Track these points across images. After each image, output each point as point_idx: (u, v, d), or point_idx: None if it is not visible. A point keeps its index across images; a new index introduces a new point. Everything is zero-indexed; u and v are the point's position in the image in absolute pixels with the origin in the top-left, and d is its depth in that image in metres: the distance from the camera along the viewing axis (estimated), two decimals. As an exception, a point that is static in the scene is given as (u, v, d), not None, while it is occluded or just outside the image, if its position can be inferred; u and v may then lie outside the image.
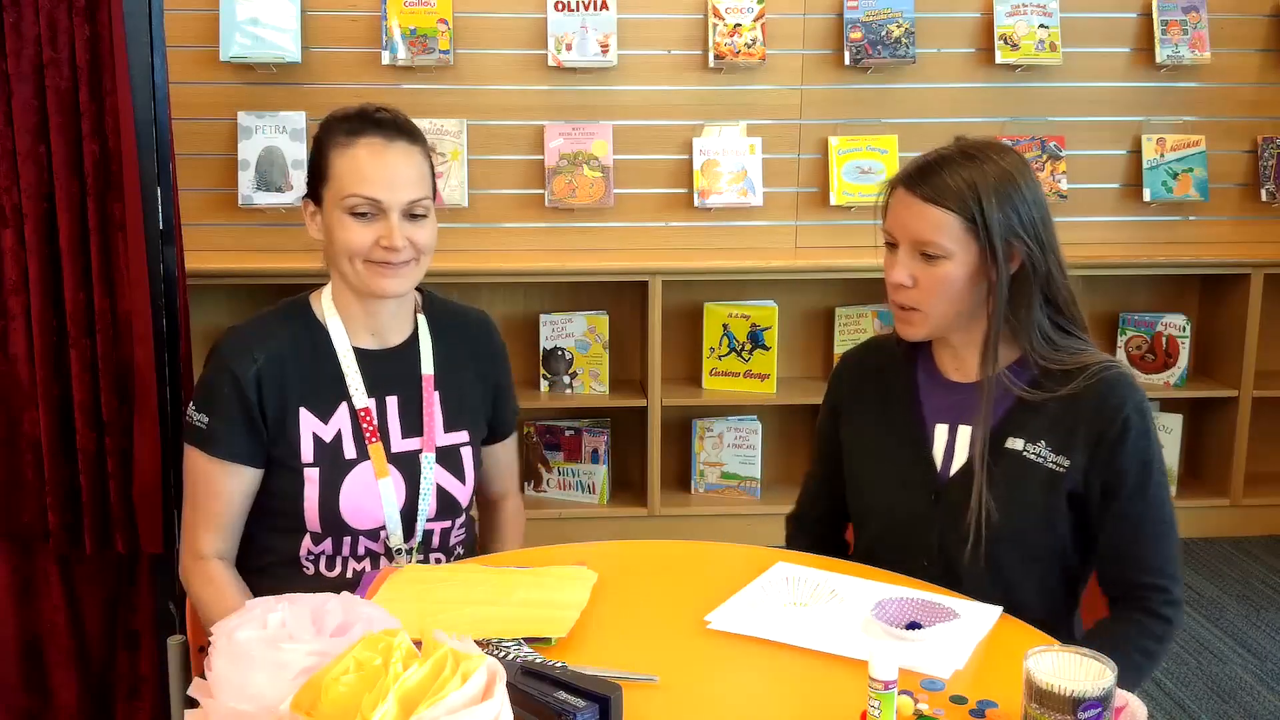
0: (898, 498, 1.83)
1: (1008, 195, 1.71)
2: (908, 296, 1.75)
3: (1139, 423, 1.72)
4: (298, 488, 1.84)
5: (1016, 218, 1.71)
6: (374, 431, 1.87)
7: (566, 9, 3.86)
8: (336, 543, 1.87)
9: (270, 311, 1.93)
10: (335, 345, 1.88)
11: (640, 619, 1.62)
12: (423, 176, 1.84)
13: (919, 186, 1.72)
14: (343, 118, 1.85)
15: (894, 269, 1.75)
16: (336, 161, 1.81)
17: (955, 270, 1.72)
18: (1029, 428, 1.75)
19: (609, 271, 3.91)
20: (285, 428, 1.84)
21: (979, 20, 4.06)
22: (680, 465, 4.16)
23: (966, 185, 1.70)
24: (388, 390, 1.90)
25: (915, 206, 1.72)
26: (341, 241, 1.81)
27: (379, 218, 1.79)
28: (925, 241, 1.72)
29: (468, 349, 1.99)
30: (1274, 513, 4.17)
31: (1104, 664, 1.25)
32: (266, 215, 3.88)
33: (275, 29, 3.77)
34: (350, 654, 1.13)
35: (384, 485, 1.86)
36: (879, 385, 1.90)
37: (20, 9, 2.17)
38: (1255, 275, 3.98)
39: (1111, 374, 1.74)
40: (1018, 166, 1.75)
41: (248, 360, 1.83)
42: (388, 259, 1.80)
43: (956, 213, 1.70)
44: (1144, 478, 1.72)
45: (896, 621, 1.55)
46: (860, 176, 4.03)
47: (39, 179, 2.23)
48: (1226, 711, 3.03)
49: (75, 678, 2.43)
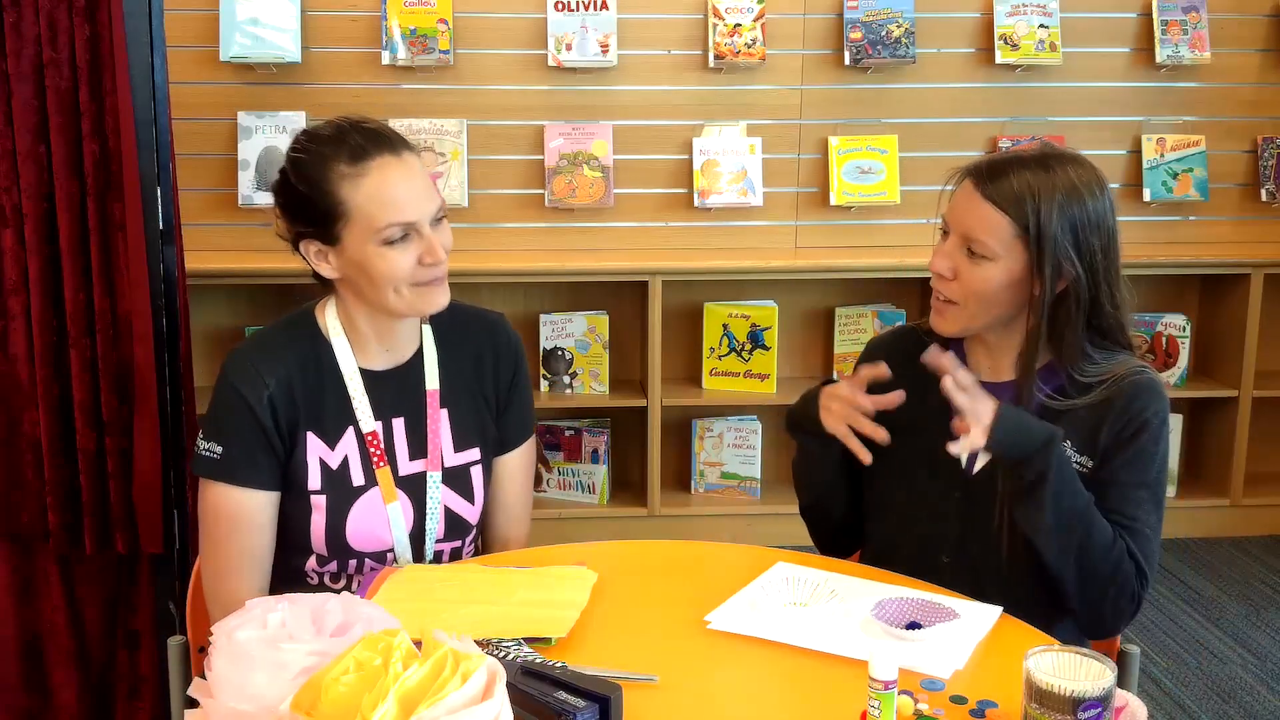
0: (922, 489, 1.82)
1: (1069, 213, 1.68)
2: (947, 287, 1.74)
3: (1155, 427, 1.72)
4: (304, 514, 1.79)
5: (1072, 238, 1.68)
6: (381, 456, 1.81)
7: (566, 9, 3.86)
8: (342, 564, 1.83)
9: (274, 329, 1.85)
10: (341, 367, 1.81)
11: (640, 619, 1.62)
12: (431, 180, 1.79)
13: (983, 182, 1.71)
14: (330, 145, 1.73)
15: (938, 256, 1.75)
16: (351, 195, 1.70)
17: (997, 274, 1.70)
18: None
19: (609, 271, 3.91)
20: (294, 453, 1.78)
21: (979, 20, 4.06)
22: (680, 465, 4.16)
23: (1030, 193, 1.68)
24: (394, 412, 1.83)
25: (973, 201, 1.71)
26: (383, 273, 1.71)
27: (413, 237, 1.72)
28: (974, 238, 1.70)
29: (474, 355, 1.90)
30: (1274, 513, 4.17)
31: (1104, 664, 1.25)
32: (266, 215, 3.87)
33: (275, 29, 3.77)
34: (350, 654, 1.13)
35: (392, 510, 1.81)
36: (905, 374, 1.82)
37: (20, 9, 2.17)
38: (1255, 275, 3.97)
39: (1142, 379, 1.73)
40: (1088, 184, 1.71)
41: (259, 384, 1.75)
42: (432, 275, 1.74)
43: (1012, 218, 1.68)
44: (1144, 477, 1.72)
45: (896, 621, 1.55)
46: (860, 176, 4.03)
47: (39, 179, 2.23)
48: (1226, 711, 3.03)
49: (75, 678, 2.43)
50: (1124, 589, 1.69)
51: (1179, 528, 4.12)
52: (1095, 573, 1.68)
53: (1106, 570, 1.68)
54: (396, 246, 1.71)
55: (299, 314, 1.86)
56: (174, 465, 2.36)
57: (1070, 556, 1.67)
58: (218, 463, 1.75)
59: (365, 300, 1.78)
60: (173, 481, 2.36)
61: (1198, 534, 4.13)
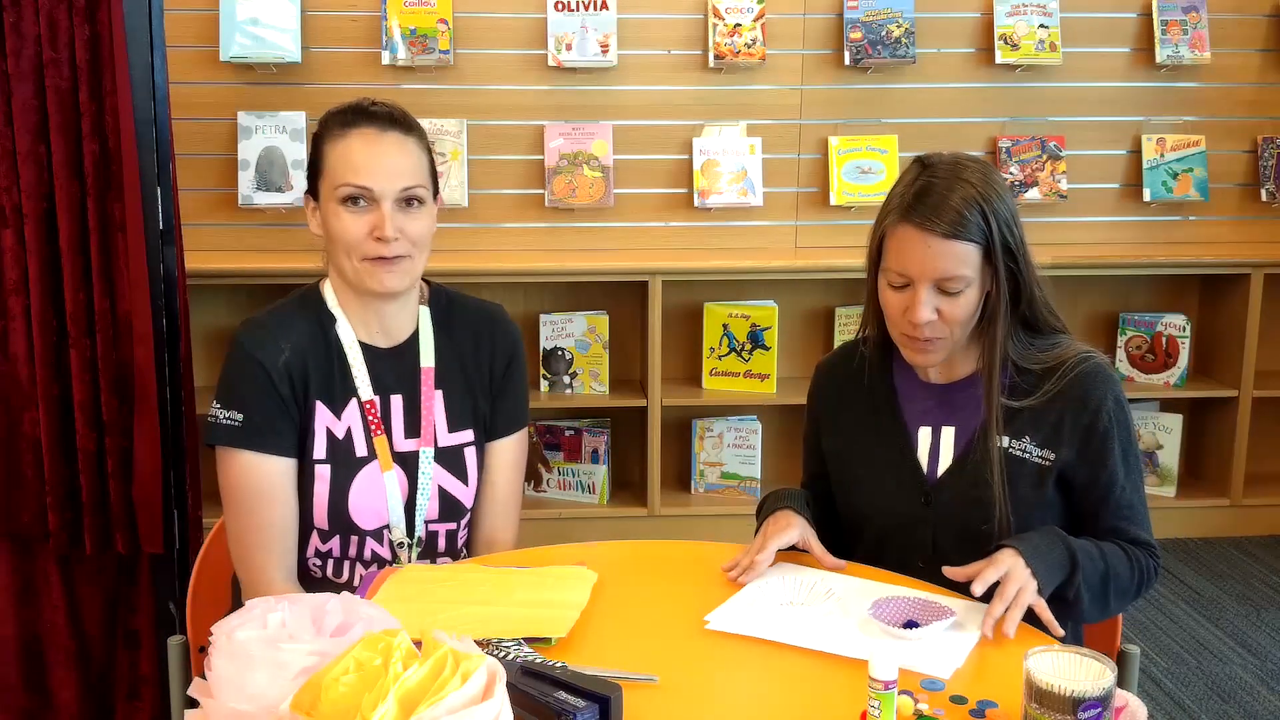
0: (889, 503, 1.84)
1: (1001, 211, 1.71)
2: (932, 329, 1.73)
3: (1120, 415, 1.76)
4: (308, 484, 1.82)
5: (1010, 232, 1.71)
6: (379, 425, 1.85)
7: (566, 9, 3.86)
8: (344, 542, 1.86)
9: (285, 303, 1.90)
10: (343, 340, 1.86)
11: (640, 619, 1.62)
12: (418, 167, 1.82)
13: (934, 223, 1.67)
14: (339, 111, 1.85)
15: (916, 308, 1.70)
16: (330, 153, 1.81)
17: (974, 295, 1.72)
18: (1013, 425, 1.77)
19: (609, 271, 3.91)
20: (306, 420, 1.83)
21: (979, 20, 4.06)
22: (680, 465, 4.16)
23: (977, 210, 1.68)
24: (392, 390, 1.88)
25: (935, 245, 1.68)
26: (336, 232, 1.79)
27: (371, 207, 1.78)
28: (951, 278, 1.69)
29: (472, 341, 1.94)
30: (1274, 513, 4.17)
31: (1104, 664, 1.25)
32: (266, 215, 3.88)
33: (275, 29, 3.77)
34: (350, 654, 1.13)
35: (389, 478, 1.85)
36: (857, 392, 1.90)
37: (20, 9, 2.17)
38: (1255, 275, 3.97)
39: (1088, 367, 1.76)
40: (997, 178, 1.74)
41: (275, 350, 1.80)
42: (381, 252, 1.77)
43: (975, 241, 1.69)
44: (1128, 464, 1.77)
45: (894, 620, 1.55)
46: (860, 176, 4.03)
47: (39, 179, 2.23)
48: (1226, 711, 3.03)
49: (75, 678, 2.43)
50: (1148, 581, 1.76)
51: (1179, 528, 4.12)
52: (1126, 594, 1.75)
53: (1135, 585, 1.75)
54: (350, 210, 1.79)
55: (305, 290, 1.92)
56: (174, 465, 2.36)
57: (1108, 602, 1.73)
58: (239, 430, 1.77)
59: (335, 265, 1.85)
60: (173, 481, 2.36)
61: (1198, 534, 4.13)
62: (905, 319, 1.72)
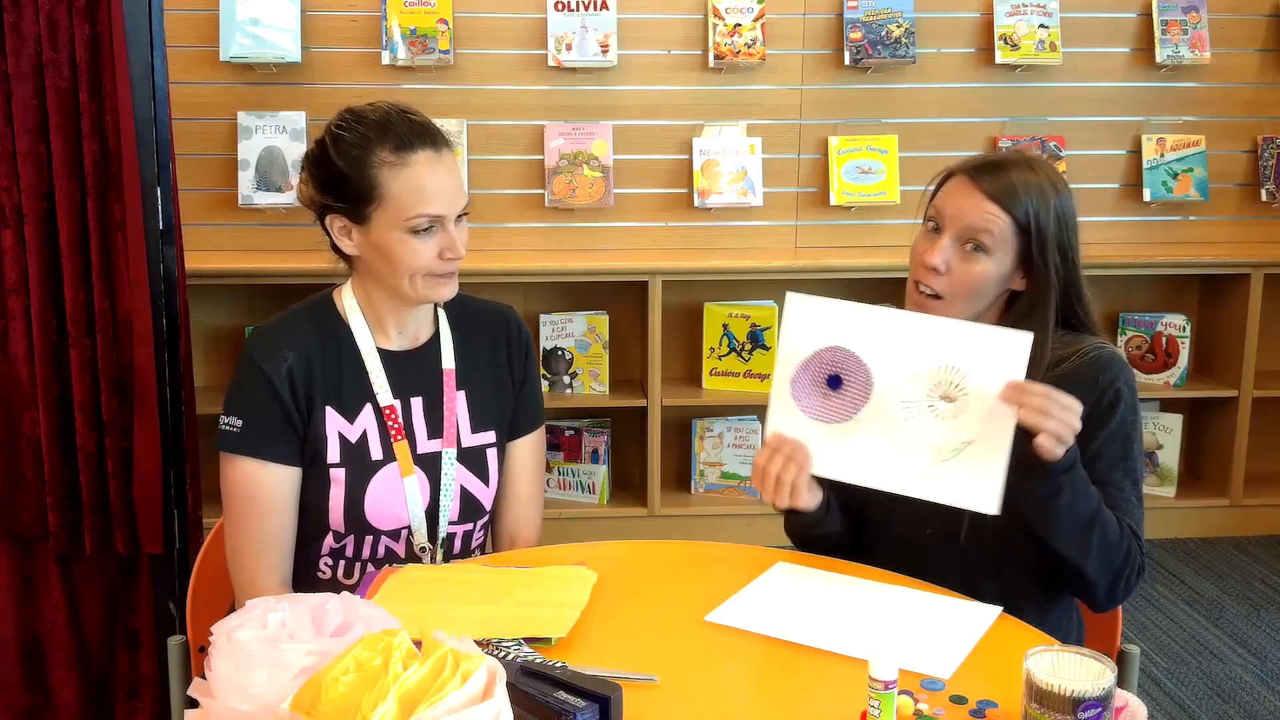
0: None
1: (1056, 209, 1.74)
2: (936, 281, 1.75)
3: (1128, 397, 1.76)
4: (324, 488, 1.82)
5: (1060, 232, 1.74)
6: (400, 430, 1.85)
7: (566, 9, 3.86)
8: (358, 542, 1.85)
9: (295, 310, 1.90)
10: (359, 345, 1.86)
11: (640, 619, 1.62)
12: (460, 179, 1.85)
13: (984, 179, 1.74)
14: (376, 130, 1.78)
15: (933, 251, 1.75)
16: (390, 182, 1.75)
17: (991, 269, 1.74)
18: None
19: (609, 271, 3.91)
20: (314, 427, 1.82)
21: (979, 20, 4.06)
22: (680, 465, 4.16)
23: (1025, 190, 1.72)
24: (413, 392, 1.88)
25: (974, 196, 1.74)
26: (403, 260, 1.77)
27: (436, 230, 1.78)
28: (978, 230, 1.73)
29: (489, 340, 1.96)
30: (1274, 513, 4.17)
31: (1104, 664, 1.25)
32: (266, 215, 3.88)
33: (275, 29, 3.77)
34: (350, 654, 1.13)
35: (409, 484, 1.84)
36: None
37: (20, 9, 2.17)
38: (1255, 275, 3.98)
39: (1105, 353, 1.77)
40: (1064, 184, 1.78)
41: (277, 359, 1.80)
42: (450, 269, 1.80)
43: (1012, 215, 1.72)
44: (1127, 449, 1.76)
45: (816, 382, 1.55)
46: (860, 176, 4.03)
47: (39, 179, 2.23)
48: (1226, 711, 3.03)
49: (75, 677, 2.43)
50: (1133, 566, 1.73)
51: (1179, 528, 4.12)
52: (1108, 553, 1.71)
53: (1119, 558, 1.72)
54: (420, 236, 1.78)
55: (318, 298, 1.92)
56: (174, 465, 2.36)
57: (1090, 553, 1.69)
58: (238, 436, 1.79)
59: (379, 281, 1.83)
60: (173, 481, 2.36)
61: (1198, 534, 4.13)
62: (920, 262, 1.77)
